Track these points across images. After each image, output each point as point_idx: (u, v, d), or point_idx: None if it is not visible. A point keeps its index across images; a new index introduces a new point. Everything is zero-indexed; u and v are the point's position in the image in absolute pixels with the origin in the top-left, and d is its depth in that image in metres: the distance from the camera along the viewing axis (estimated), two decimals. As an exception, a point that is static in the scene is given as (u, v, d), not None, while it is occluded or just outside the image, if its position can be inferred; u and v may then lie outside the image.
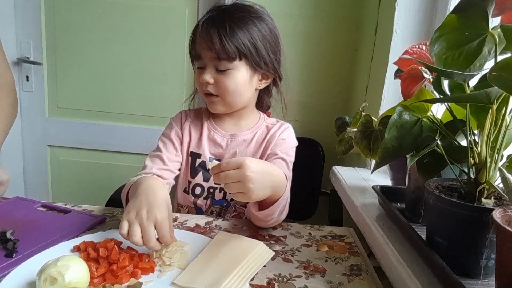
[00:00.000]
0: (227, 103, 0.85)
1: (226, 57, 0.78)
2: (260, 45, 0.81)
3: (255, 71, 0.84)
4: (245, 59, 0.81)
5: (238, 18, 0.80)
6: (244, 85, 0.83)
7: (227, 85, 0.81)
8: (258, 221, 0.77)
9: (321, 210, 1.49)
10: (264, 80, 0.87)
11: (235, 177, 0.60)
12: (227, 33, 0.77)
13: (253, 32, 0.80)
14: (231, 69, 0.80)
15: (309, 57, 1.55)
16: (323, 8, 1.51)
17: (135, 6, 1.58)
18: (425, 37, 1.10)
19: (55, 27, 1.64)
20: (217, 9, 0.82)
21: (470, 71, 0.53)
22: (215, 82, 0.81)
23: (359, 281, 0.61)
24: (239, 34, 0.78)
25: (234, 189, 0.61)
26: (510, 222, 0.45)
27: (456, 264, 0.53)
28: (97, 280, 0.55)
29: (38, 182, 1.80)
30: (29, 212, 0.79)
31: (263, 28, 0.82)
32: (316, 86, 1.57)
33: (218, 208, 0.90)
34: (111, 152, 1.74)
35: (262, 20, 0.83)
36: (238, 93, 0.83)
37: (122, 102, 1.69)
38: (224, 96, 0.83)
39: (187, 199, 0.91)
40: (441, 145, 0.61)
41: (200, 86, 0.84)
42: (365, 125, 0.89)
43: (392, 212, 0.73)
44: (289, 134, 0.93)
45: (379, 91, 1.17)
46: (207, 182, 0.89)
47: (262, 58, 0.82)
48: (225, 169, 0.60)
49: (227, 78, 0.80)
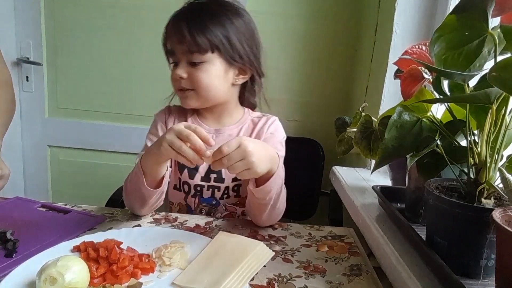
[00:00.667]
0: (201, 97, 0.83)
1: (198, 50, 0.77)
2: (233, 37, 0.80)
3: (231, 65, 0.82)
4: (218, 52, 0.79)
5: (210, 11, 0.79)
6: (218, 79, 0.82)
7: (201, 79, 0.80)
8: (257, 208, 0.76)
9: (321, 210, 1.49)
10: (241, 75, 0.85)
11: (238, 156, 0.62)
12: (197, 25, 0.76)
13: (226, 24, 0.79)
14: (204, 62, 0.79)
15: (309, 57, 1.55)
16: (323, 8, 1.51)
17: (135, 6, 1.58)
18: (425, 37, 1.10)
19: (55, 27, 1.63)
20: (190, 4, 0.81)
21: (470, 71, 0.53)
22: (189, 76, 0.80)
23: (359, 281, 0.61)
24: (210, 26, 0.77)
25: (239, 168, 0.63)
26: (510, 222, 0.45)
27: (456, 264, 0.53)
28: (97, 280, 0.55)
29: (38, 182, 1.80)
30: (29, 212, 0.79)
31: (238, 22, 0.81)
32: (316, 86, 1.57)
33: (207, 207, 0.89)
34: (111, 152, 1.74)
35: (237, 14, 0.82)
36: (212, 87, 0.82)
37: (122, 102, 1.69)
38: (198, 90, 0.81)
39: (179, 196, 0.91)
40: (441, 145, 0.61)
41: (174, 82, 0.83)
42: (365, 125, 0.89)
43: (392, 212, 0.73)
44: (277, 128, 0.92)
45: (379, 91, 1.17)
46: (192, 179, 0.88)
47: (237, 50, 0.81)
48: (228, 152, 0.62)
49: (200, 71, 0.79)
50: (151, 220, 0.80)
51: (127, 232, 0.70)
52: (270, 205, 0.75)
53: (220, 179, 0.88)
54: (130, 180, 0.77)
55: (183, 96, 0.84)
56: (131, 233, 0.70)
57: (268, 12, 1.51)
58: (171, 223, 0.79)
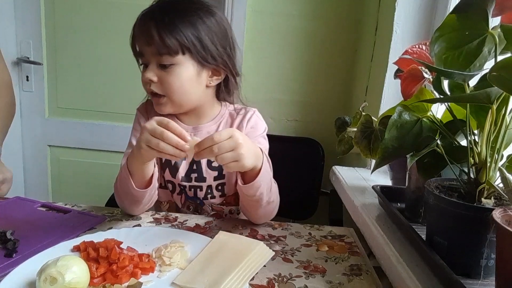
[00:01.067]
0: (175, 103, 0.80)
1: (167, 52, 0.74)
2: (205, 37, 0.76)
3: (203, 66, 0.79)
4: (189, 53, 0.76)
5: (180, 10, 0.75)
6: (191, 82, 0.78)
7: (172, 83, 0.76)
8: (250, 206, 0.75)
9: (321, 210, 1.49)
10: (215, 76, 0.82)
11: (228, 146, 0.61)
12: (166, 25, 0.73)
13: (196, 23, 0.75)
14: (174, 65, 0.75)
15: (309, 57, 1.55)
16: (323, 8, 1.51)
17: (135, 6, 1.56)
18: (425, 37, 1.10)
19: (55, 27, 1.63)
20: (158, 3, 0.78)
21: (470, 71, 0.53)
22: (159, 80, 0.77)
23: (359, 281, 0.61)
24: (179, 26, 0.73)
25: (228, 159, 0.62)
26: (510, 222, 0.45)
27: (456, 264, 0.53)
28: (97, 280, 0.55)
29: (38, 182, 1.80)
30: (29, 212, 0.79)
31: (209, 21, 0.77)
32: (316, 86, 1.57)
33: (193, 204, 0.89)
34: (111, 152, 1.74)
35: (208, 12, 0.78)
36: (185, 91, 0.79)
37: (122, 102, 1.69)
38: (170, 95, 0.78)
39: (165, 193, 0.90)
40: (441, 145, 0.61)
41: (145, 85, 0.79)
42: (365, 125, 0.89)
43: (392, 212, 0.73)
44: (257, 121, 0.89)
45: (379, 91, 1.17)
46: (174, 178, 0.86)
47: (209, 51, 0.77)
48: (219, 141, 0.60)
49: (171, 75, 0.76)
50: (151, 220, 0.80)
51: (127, 232, 0.70)
52: (263, 201, 0.73)
53: (202, 178, 0.86)
54: (119, 182, 0.76)
55: (157, 103, 0.81)
56: (131, 233, 0.70)
57: (268, 12, 1.51)
58: (171, 223, 0.79)
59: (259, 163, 0.69)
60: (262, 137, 0.88)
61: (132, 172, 0.72)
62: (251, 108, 0.91)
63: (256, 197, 0.72)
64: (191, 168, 0.86)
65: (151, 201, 0.79)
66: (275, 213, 0.81)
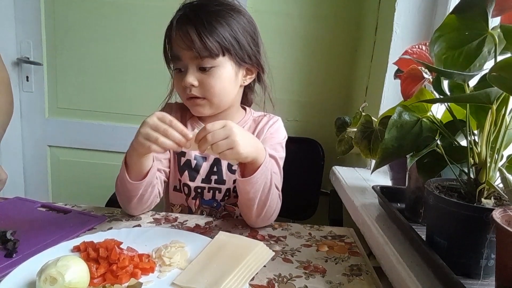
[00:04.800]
0: (214, 105, 0.81)
1: (209, 54, 0.74)
2: (241, 37, 0.78)
3: (240, 66, 0.80)
4: (228, 55, 0.77)
5: (214, 12, 0.76)
6: (230, 83, 0.80)
7: (213, 85, 0.77)
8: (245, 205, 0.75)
9: (321, 210, 1.49)
10: (248, 75, 0.84)
11: (222, 134, 0.62)
12: (206, 29, 0.73)
13: (232, 24, 0.76)
14: (215, 67, 0.76)
15: (309, 57, 1.55)
16: (323, 8, 1.51)
17: (135, 6, 1.58)
18: (425, 37, 1.10)
19: (55, 27, 1.63)
20: (190, 6, 0.78)
21: (470, 71, 0.53)
22: (199, 83, 0.77)
23: (359, 281, 0.61)
24: (218, 28, 0.74)
25: (223, 147, 0.62)
26: (510, 222, 0.45)
27: (456, 264, 0.53)
28: (97, 280, 0.55)
29: (38, 182, 1.79)
30: (29, 212, 0.79)
31: (242, 20, 0.79)
32: (316, 86, 1.57)
33: (208, 209, 0.89)
34: (111, 152, 1.74)
35: (238, 12, 0.79)
36: (225, 93, 0.80)
37: (122, 102, 1.69)
38: (211, 98, 0.79)
39: (179, 197, 0.90)
40: (441, 145, 0.61)
41: (183, 90, 0.79)
42: (365, 125, 0.89)
43: (392, 212, 0.73)
44: (278, 128, 0.90)
45: (379, 91, 1.17)
46: (193, 182, 0.86)
47: (245, 51, 0.79)
48: (211, 129, 0.62)
49: (212, 77, 0.77)
50: (151, 220, 0.80)
51: (127, 232, 0.70)
52: (258, 202, 0.72)
53: (221, 181, 0.87)
54: (118, 178, 0.76)
55: (194, 104, 0.81)
56: (131, 233, 0.70)
57: (268, 12, 1.51)
58: (171, 223, 0.79)
59: (259, 157, 0.69)
60: (280, 145, 0.88)
61: (129, 164, 0.72)
62: (275, 116, 0.93)
63: (252, 194, 0.71)
64: (212, 170, 0.87)
65: (149, 201, 0.78)
66: (272, 219, 0.79)
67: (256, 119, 0.91)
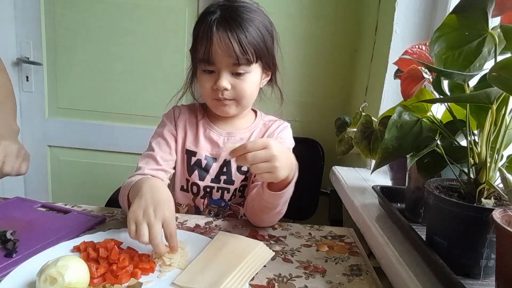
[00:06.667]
0: (241, 106, 0.83)
1: (246, 62, 0.76)
2: (269, 44, 0.80)
3: (263, 69, 0.83)
4: (259, 61, 0.79)
5: (249, 19, 0.76)
6: (258, 86, 0.83)
7: (246, 89, 0.79)
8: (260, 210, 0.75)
9: (321, 210, 1.49)
10: (266, 76, 0.86)
11: (263, 157, 0.61)
12: (246, 37, 0.75)
13: (262, 31, 0.78)
14: (248, 73, 0.78)
15: (309, 57, 1.55)
16: (323, 8, 1.51)
17: (135, 6, 1.58)
18: (425, 37, 1.10)
19: (55, 27, 1.63)
20: (222, 9, 0.77)
21: (470, 71, 0.53)
22: (232, 87, 0.78)
23: (359, 281, 0.61)
24: (254, 37, 0.76)
25: (263, 169, 0.62)
26: (510, 222, 0.45)
27: (456, 264, 0.53)
28: (97, 280, 0.55)
29: (38, 182, 1.80)
30: (29, 212, 0.78)
31: (267, 25, 0.80)
32: (316, 86, 1.57)
33: (215, 208, 0.89)
34: (111, 152, 1.74)
35: (264, 15, 0.81)
36: (253, 96, 0.83)
37: (122, 102, 1.69)
38: (240, 100, 0.81)
39: (186, 197, 0.90)
40: (441, 145, 0.61)
41: (212, 91, 0.79)
42: (365, 125, 0.89)
43: (392, 212, 0.73)
44: (287, 134, 0.92)
45: (379, 91, 1.17)
46: (202, 181, 0.87)
47: (272, 58, 0.82)
48: (252, 149, 0.61)
49: (245, 82, 0.78)
50: (151, 220, 0.80)
51: (127, 232, 0.70)
52: (276, 210, 0.74)
53: (230, 181, 0.87)
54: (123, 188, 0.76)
55: (222, 104, 0.81)
56: (131, 233, 0.70)
57: (268, 12, 1.51)
58: (171, 223, 0.79)
59: (291, 174, 0.69)
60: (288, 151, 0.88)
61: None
62: (285, 122, 0.93)
63: (272, 205, 0.73)
64: (221, 171, 0.87)
65: None
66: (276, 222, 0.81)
67: (266, 123, 0.92)
